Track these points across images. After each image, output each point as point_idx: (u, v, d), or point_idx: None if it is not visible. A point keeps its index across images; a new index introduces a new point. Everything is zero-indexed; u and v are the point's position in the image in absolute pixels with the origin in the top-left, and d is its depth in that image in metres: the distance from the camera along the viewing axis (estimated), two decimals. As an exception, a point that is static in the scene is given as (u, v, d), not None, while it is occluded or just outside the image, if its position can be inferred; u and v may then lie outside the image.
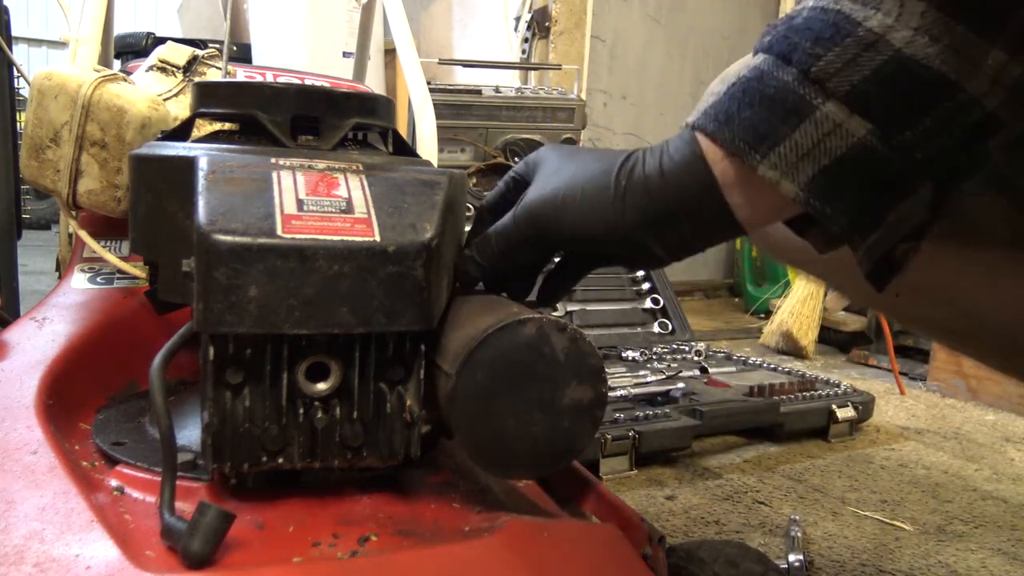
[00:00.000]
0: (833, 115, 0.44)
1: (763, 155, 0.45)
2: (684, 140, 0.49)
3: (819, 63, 0.44)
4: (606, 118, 2.59)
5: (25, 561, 0.41)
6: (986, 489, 1.21)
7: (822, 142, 0.44)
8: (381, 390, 0.50)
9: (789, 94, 0.44)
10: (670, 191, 0.49)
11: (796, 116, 0.44)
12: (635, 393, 1.31)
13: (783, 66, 0.45)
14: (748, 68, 0.47)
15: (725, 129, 0.46)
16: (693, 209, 0.49)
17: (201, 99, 0.58)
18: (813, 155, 0.44)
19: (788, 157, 0.45)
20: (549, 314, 0.49)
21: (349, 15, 2.29)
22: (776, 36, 0.46)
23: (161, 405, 0.47)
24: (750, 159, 0.45)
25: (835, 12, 0.44)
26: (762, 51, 0.47)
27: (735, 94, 0.46)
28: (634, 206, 0.50)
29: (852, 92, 0.43)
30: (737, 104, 0.46)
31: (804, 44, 0.44)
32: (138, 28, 3.09)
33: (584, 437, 0.49)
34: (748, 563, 0.60)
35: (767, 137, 0.45)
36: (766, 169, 0.45)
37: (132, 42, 2.49)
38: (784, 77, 0.45)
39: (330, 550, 0.46)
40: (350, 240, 0.47)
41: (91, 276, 0.76)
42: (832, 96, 0.44)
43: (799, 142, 0.44)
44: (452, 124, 1.88)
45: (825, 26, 0.44)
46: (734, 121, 0.46)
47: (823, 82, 0.44)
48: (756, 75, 0.46)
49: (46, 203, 3.89)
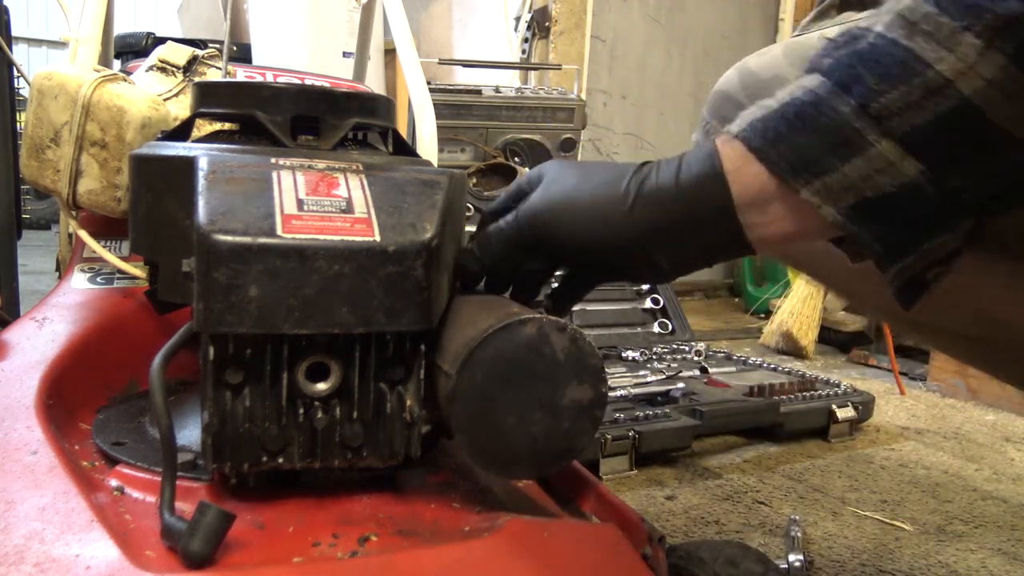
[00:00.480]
0: (887, 154, 0.43)
1: (807, 181, 0.45)
2: (705, 154, 0.49)
3: (880, 100, 0.43)
4: (606, 118, 2.59)
5: (25, 561, 0.41)
6: (986, 489, 1.21)
7: (871, 177, 0.44)
8: (381, 390, 0.50)
9: (845, 127, 0.44)
10: (683, 205, 0.49)
11: (848, 149, 0.44)
12: (635, 393, 1.31)
13: (841, 95, 0.44)
14: (803, 90, 0.46)
15: (771, 149, 0.46)
16: (705, 225, 0.49)
17: (201, 99, 0.58)
18: (858, 187, 0.44)
19: (833, 187, 0.45)
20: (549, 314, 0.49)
21: (349, 15, 2.29)
22: (838, 62, 0.45)
23: (161, 405, 0.47)
24: (793, 182, 0.45)
25: (905, 49, 0.43)
26: (820, 73, 0.46)
27: (787, 115, 0.46)
28: (644, 216, 0.50)
29: (910, 134, 0.43)
30: (788, 126, 0.46)
31: (867, 77, 0.43)
32: (138, 28, 3.09)
33: (584, 437, 0.49)
34: (748, 563, 0.60)
35: (815, 165, 0.45)
36: (809, 194, 0.45)
37: (132, 42, 2.49)
38: (841, 109, 0.44)
39: (330, 550, 0.46)
40: (350, 240, 0.47)
41: (91, 276, 0.76)
42: (889, 135, 0.43)
43: (847, 174, 0.44)
44: (452, 124, 1.88)
45: (893, 62, 0.43)
46: (782, 142, 0.46)
47: (882, 120, 0.43)
48: (812, 100, 0.45)
49: (46, 203, 3.89)
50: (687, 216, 0.49)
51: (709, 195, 0.48)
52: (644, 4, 2.60)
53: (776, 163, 0.46)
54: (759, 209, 0.48)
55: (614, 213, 0.50)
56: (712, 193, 0.48)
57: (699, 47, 2.74)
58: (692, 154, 0.50)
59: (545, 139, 1.97)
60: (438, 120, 1.23)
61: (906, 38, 0.43)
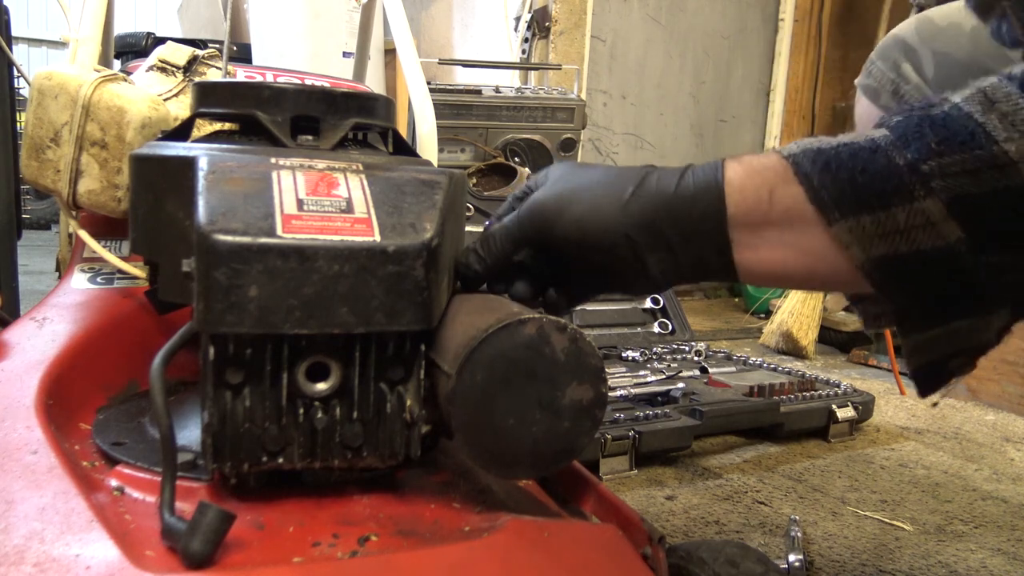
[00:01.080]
0: (930, 212, 0.43)
1: (843, 216, 0.45)
2: (711, 167, 0.49)
3: (937, 160, 0.43)
4: (606, 118, 2.59)
5: (25, 561, 0.41)
6: (986, 489, 1.21)
7: (908, 231, 0.44)
8: (381, 390, 0.50)
9: (894, 175, 0.44)
10: (676, 208, 0.49)
11: (892, 197, 0.44)
12: (635, 393, 1.31)
13: (900, 148, 0.44)
14: (866, 138, 0.46)
15: (818, 175, 0.46)
16: (695, 234, 0.49)
17: (201, 99, 0.58)
18: (893, 238, 0.44)
19: (867, 229, 0.45)
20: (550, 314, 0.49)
21: (349, 15, 2.29)
22: (907, 120, 0.46)
23: (161, 405, 0.47)
24: (829, 213, 0.45)
25: (978, 124, 0.43)
26: (887, 127, 0.46)
27: (843, 152, 0.46)
28: (636, 211, 0.50)
29: (959, 200, 0.43)
30: (840, 161, 0.46)
31: (930, 137, 0.44)
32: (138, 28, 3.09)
33: (584, 437, 0.49)
34: (748, 563, 0.60)
35: (855, 202, 0.45)
36: (841, 230, 0.45)
37: (132, 42, 2.49)
38: (896, 159, 0.44)
39: (330, 550, 0.46)
40: (350, 240, 0.47)
41: (91, 276, 0.76)
42: (933, 195, 0.43)
43: (885, 221, 0.44)
44: (452, 124, 1.88)
45: (961, 131, 0.43)
46: (830, 173, 0.46)
47: (932, 179, 0.43)
48: (870, 146, 0.46)
49: (46, 203, 3.89)
50: (678, 220, 0.49)
51: (704, 204, 0.49)
52: (644, 4, 2.60)
53: (818, 189, 0.46)
54: (752, 231, 0.48)
55: (610, 205, 0.51)
56: (707, 202, 0.49)
57: (699, 47, 2.74)
58: (699, 167, 0.50)
59: (545, 139, 1.97)
60: (438, 120, 1.23)
61: (982, 114, 0.43)
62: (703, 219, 0.49)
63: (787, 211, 0.47)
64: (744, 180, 0.48)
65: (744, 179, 0.48)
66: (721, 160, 0.50)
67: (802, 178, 0.46)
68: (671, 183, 0.50)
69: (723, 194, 0.48)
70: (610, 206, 0.51)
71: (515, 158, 1.96)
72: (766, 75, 2.90)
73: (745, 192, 0.48)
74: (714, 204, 0.48)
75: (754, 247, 0.48)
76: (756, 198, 0.48)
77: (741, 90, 2.85)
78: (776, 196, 0.47)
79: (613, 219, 0.50)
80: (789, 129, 2.92)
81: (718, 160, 0.50)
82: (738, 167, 0.49)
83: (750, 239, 0.48)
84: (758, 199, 0.48)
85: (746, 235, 0.48)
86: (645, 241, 0.50)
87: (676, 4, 2.66)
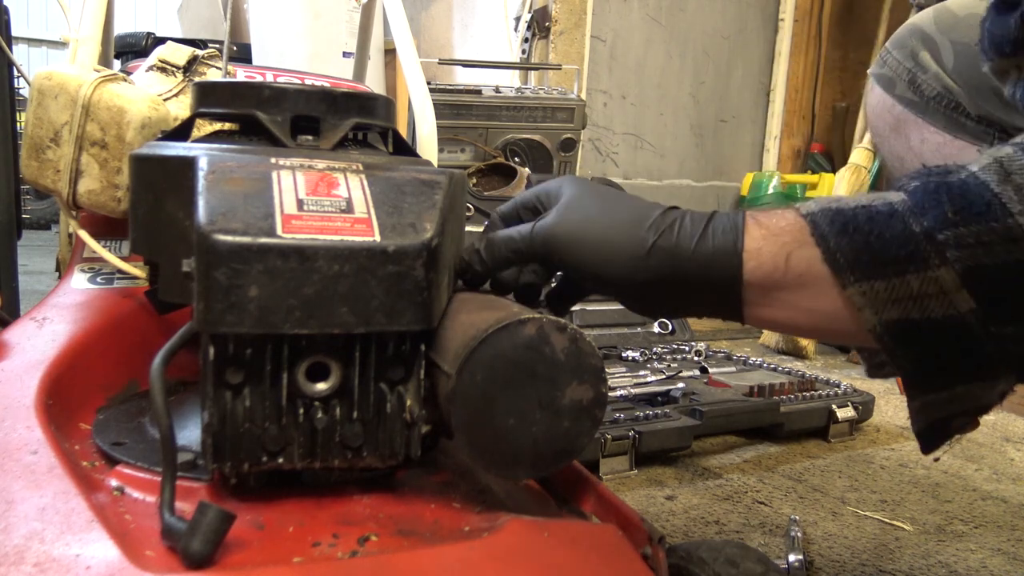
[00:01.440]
0: (943, 282, 0.44)
1: (857, 280, 0.45)
2: (731, 227, 0.50)
3: (952, 230, 0.43)
4: (606, 118, 2.59)
5: (25, 561, 0.41)
6: (986, 489, 1.21)
7: (921, 299, 0.44)
8: (381, 390, 0.50)
9: (910, 243, 0.44)
10: (695, 270, 0.50)
11: (907, 265, 0.44)
12: (635, 393, 1.31)
13: (917, 215, 0.45)
14: (883, 202, 0.47)
15: (835, 237, 0.46)
16: (710, 294, 0.50)
17: (201, 99, 0.58)
18: (906, 304, 0.45)
19: (881, 294, 0.45)
20: (549, 314, 0.49)
21: (349, 15, 2.29)
22: (925, 187, 0.46)
23: (161, 405, 0.47)
24: (844, 276, 0.46)
25: (994, 195, 0.43)
26: (905, 192, 0.46)
27: (860, 215, 0.46)
28: (657, 266, 0.50)
29: (972, 271, 0.43)
30: (858, 224, 0.46)
31: (947, 206, 0.44)
32: (138, 28, 3.09)
33: (584, 437, 0.49)
34: (748, 563, 0.60)
35: (870, 267, 0.45)
36: (855, 293, 0.46)
37: (132, 42, 2.49)
38: (912, 226, 0.45)
39: (330, 550, 0.46)
40: (350, 240, 0.47)
41: (91, 276, 0.76)
42: (948, 264, 0.43)
43: (898, 287, 0.45)
44: (452, 124, 1.88)
45: (978, 201, 0.44)
46: (847, 236, 0.46)
47: (947, 248, 0.43)
48: (888, 210, 0.46)
49: (46, 203, 3.89)
50: (694, 279, 0.50)
51: (720, 268, 0.49)
52: (644, 4, 2.60)
53: (834, 252, 0.46)
54: (765, 293, 0.49)
55: (630, 256, 0.51)
56: (723, 266, 0.49)
57: (699, 47, 2.74)
58: (720, 222, 0.50)
59: (545, 139, 1.97)
60: (438, 120, 1.23)
61: (998, 184, 0.43)
62: (719, 281, 0.50)
63: (800, 275, 0.48)
64: (762, 245, 0.49)
65: (762, 244, 0.49)
66: (742, 217, 0.50)
67: (819, 239, 0.47)
68: (691, 240, 0.50)
69: (741, 261, 0.49)
70: (628, 255, 0.51)
71: (515, 158, 1.96)
72: (766, 75, 2.90)
73: (762, 258, 0.49)
74: (730, 270, 0.49)
75: (765, 306, 0.50)
76: (773, 265, 0.49)
77: (741, 90, 2.85)
78: (792, 262, 0.48)
79: (630, 268, 0.51)
80: (789, 129, 2.92)
81: (740, 216, 0.50)
82: (757, 232, 0.49)
83: (762, 299, 0.50)
84: (775, 266, 0.49)
85: (758, 295, 0.49)
86: (658, 291, 0.52)
87: (676, 4, 2.66)
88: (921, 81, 0.77)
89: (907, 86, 0.78)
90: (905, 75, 0.78)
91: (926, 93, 0.77)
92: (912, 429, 0.51)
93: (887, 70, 0.80)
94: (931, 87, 0.76)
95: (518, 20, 2.49)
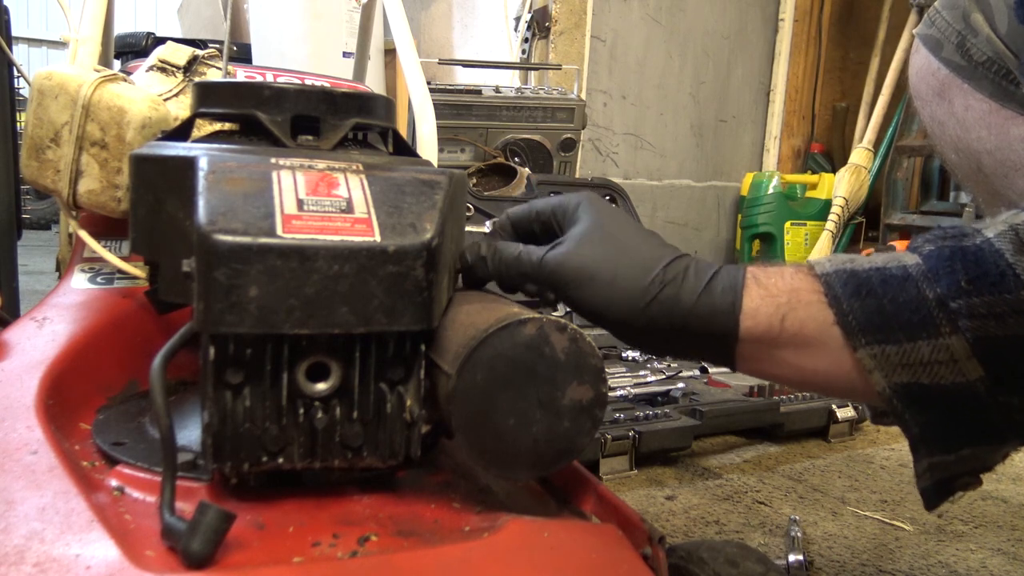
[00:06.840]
0: (954, 350, 0.44)
1: (868, 343, 0.46)
2: (731, 286, 0.50)
3: (965, 299, 0.43)
4: (606, 118, 2.58)
5: (25, 561, 0.41)
6: (986, 489, 1.21)
7: (931, 365, 0.44)
8: (381, 390, 0.50)
9: (922, 309, 0.44)
10: (692, 323, 0.51)
11: (918, 331, 0.44)
12: (635, 393, 1.31)
13: (930, 281, 0.45)
14: (898, 264, 0.47)
15: (846, 300, 0.47)
16: (704, 347, 0.52)
17: (201, 99, 0.58)
18: (916, 369, 0.45)
19: (891, 358, 0.45)
20: (549, 314, 0.49)
21: (349, 15, 2.29)
22: (939, 251, 0.46)
23: (161, 405, 0.47)
24: (855, 340, 0.46)
25: (1008, 264, 0.43)
26: (919, 255, 0.46)
27: (874, 278, 0.46)
28: (656, 315, 0.51)
29: (983, 341, 0.43)
30: (871, 287, 0.46)
31: (961, 275, 0.44)
32: (138, 28, 3.09)
33: (584, 437, 0.49)
34: (748, 563, 0.60)
35: (882, 331, 0.45)
36: (865, 355, 0.46)
37: (132, 42, 2.49)
38: (925, 292, 0.45)
39: (330, 550, 0.46)
40: (350, 240, 0.47)
41: (91, 276, 0.76)
42: (959, 333, 0.43)
43: (909, 353, 0.45)
44: (452, 124, 1.88)
45: (992, 270, 0.43)
46: (859, 299, 0.46)
47: (959, 318, 0.43)
48: (902, 274, 0.46)
49: (46, 203, 3.89)
50: (692, 333, 0.51)
51: (717, 325, 0.50)
52: (644, 4, 2.59)
53: (846, 314, 0.46)
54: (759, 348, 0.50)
55: (629, 303, 0.52)
56: (720, 324, 0.50)
57: (699, 47, 2.74)
58: (723, 280, 0.51)
59: (545, 139, 1.97)
60: (438, 120, 1.23)
61: (1013, 255, 0.43)
62: (715, 336, 0.51)
63: (795, 336, 0.48)
64: (759, 305, 0.50)
65: (759, 304, 0.50)
66: (743, 274, 0.51)
67: (832, 300, 0.47)
68: (693, 296, 0.51)
69: (737, 321, 0.50)
70: (629, 305, 0.52)
71: (515, 158, 1.95)
72: (766, 75, 2.90)
73: (758, 318, 0.50)
74: (726, 327, 0.50)
75: (758, 361, 0.51)
76: (768, 325, 0.49)
77: (741, 90, 2.85)
78: (787, 322, 0.49)
79: (631, 314, 0.52)
80: (789, 129, 2.92)
81: (741, 273, 0.51)
82: (756, 292, 0.50)
83: (756, 354, 0.50)
84: (769, 326, 0.49)
85: (752, 350, 0.50)
86: (656, 337, 0.53)
87: (676, 4, 2.66)
88: (971, 45, 0.72)
89: (955, 49, 0.73)
90: (954, 37, 0.73)
91: (975, 58, 0.71)
92: (917, 487, 0.51)
93: (935, 31, 0.75)
94: (981, 52, 0.71)
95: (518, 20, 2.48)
